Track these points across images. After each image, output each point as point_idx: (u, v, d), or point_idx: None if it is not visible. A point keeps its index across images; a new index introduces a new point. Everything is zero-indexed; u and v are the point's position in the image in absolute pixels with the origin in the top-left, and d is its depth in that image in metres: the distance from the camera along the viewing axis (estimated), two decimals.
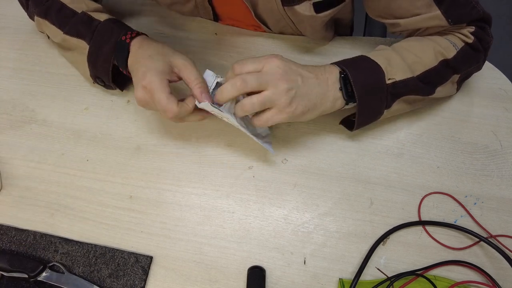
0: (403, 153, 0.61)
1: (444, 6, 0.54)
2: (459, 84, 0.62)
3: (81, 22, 0.59)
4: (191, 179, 0.59)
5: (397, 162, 0.60)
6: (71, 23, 0.60)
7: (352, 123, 0.57)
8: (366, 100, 0.53)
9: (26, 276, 0.51)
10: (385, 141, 0.62)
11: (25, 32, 0.73)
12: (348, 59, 0.55)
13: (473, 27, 0.57)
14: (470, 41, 0.57)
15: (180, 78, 0.54)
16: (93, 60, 0.59)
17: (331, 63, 0.55)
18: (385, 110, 0.56)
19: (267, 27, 0.69)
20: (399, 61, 0.54)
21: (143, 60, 0.52)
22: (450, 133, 0.62)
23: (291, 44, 0.71)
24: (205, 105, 0.50)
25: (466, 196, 0.57)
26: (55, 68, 0.69)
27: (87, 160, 0.61)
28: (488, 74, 0.67)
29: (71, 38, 0.60)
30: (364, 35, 0.83)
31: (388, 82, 0.53)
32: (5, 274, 0.52)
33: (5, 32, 0.74)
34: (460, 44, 0.57)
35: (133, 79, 0.53)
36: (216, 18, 0.73)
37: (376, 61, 0.54)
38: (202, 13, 0.72)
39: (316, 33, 0.67)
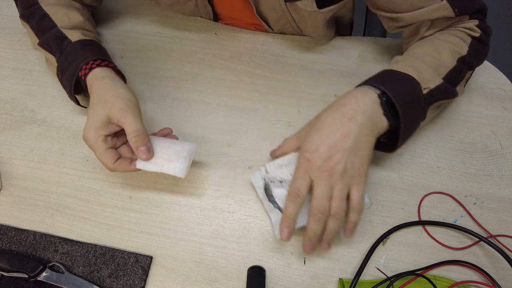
0: (403, 153, 0.61)
1: None
2: (467, 81, 0.60)
3: (53, 38, 0.59)
4: (191, 179, 0.59)
5: (397, 162, 0.60)
6: (46, 37, 0.60)
7: (382, 143, 0.53)
8: (409, 116, 0.49)
9: (26, 276, 0.51)
10: None
11: (25, 32, 0.73)
12: (377, 77, 0.51)
13: (476, 21, 0.57)
14: (477, 35, 0.56)
15: (121, 127, 0.51)
16: (59, 77, 0.60)
17: (359, 86, 0.50)
18: (422, 122, 0.53)
19: (268, 25, 0.69)
20: (426, 68, 0.52)
21: (89, 107, 0.53)
22: (450, 133, 0.62)
23: (291, 44, 0.71)
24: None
25: (466, 196, 0.57)
26: None
27: (87, 160, 0.61)
28: (488, 74, 0.67)
29: (43, 50, 0.60)
30: (364, 35, 0.83)
31: (424, 92, 0.50)
32: (5, 274, 0.52)
33: (5, 32, 0.74)
34: (469, 39, 0.56)
35: None
36: (216, 17, 0.73)
37: (408, 73, 0.50)
38: (202, 13, 0.72)
39: (317, 31, 0.67)
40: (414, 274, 0.51)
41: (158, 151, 0.52)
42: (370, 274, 0.52)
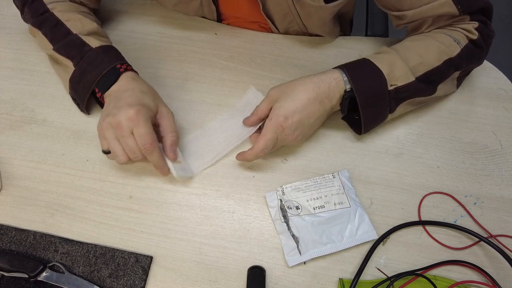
0: (403, 153, 0.61)
1: None
2: (459, 80, 0.62)
3: (73, 44, 0.60)
4: (191, 179, 0.59)
5: (397, 162, 0.60)
6: (63, 43, 0.60)
7: (355, 121, 0.59)
8: (370, 108, 0.55)
9: (26, 276, 0.51)
10: (385, 141, 0.62)
11: (25, 32, 0.73)
12: (352, 64, 0.56)
13: (477, 23, 0.57)
14: (474, 37, 0.57)
15: (156, 125, 0.56)
16: (74, 82, 0.60)
17: (336, 68, 0.56)
18: (389, 114, 0.57)
19: (273, 23, 0.69)
20: (401, 65, 0.55)
21: (136, 92, 0.54)
22: (450, 133, 0.62)
23: (291, 44, 0.71)
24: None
25: (466, 196, 0.57)
26: None
27: (87, 160, 0.61)
28: (488, 74, 0.68)
29: (59, 56, 0.61)
30: (366, 33, 0.83)
31: (390, 88, 0.54)
32: (5, 274, 0.52)
33: (5, 32, 0.74)
34: (464, 41, 0.57)
35: (115, 102, 0.53)
36: (219, 17, 0.73)
37: (379, 66, 0.54)
38: (206, 12, 0.72)
39: (323, 27, 0.67)
40: (414, 274, 0.51)
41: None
42: (370, 274, 0.52)
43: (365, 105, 0.54)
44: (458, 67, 0.58)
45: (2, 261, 0.52)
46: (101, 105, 0.64)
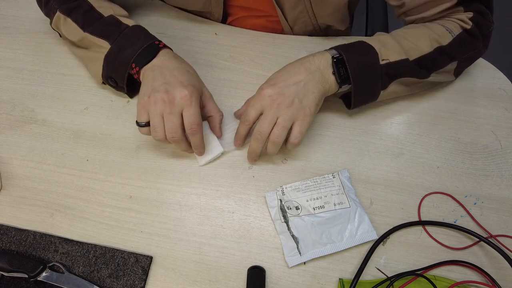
0: (403, 153, 0.61)
1: None
2: (458, 69, 0.62)
3: (109, 24, 0.61)
4: (191, 179, 0.59)
5: (397, 162, 0.60)
6: (98, 23, 0.61)
7: (349, 99, 0.59)
8: (361, 79, 0.55)
9: (26, 276, 0.51)
10: (385, 141, 0.62)
11: (25, 32, 0.73)
12: (343, 44, 0.57)
13: (472, 13, 0.58)
14: (468, 27, 0.58)
15: (200, 106, 0.57)
16: (111, 60, 0.60)
17: (325, 50, 0.57)
18: (382, 91, 0.58)
19: (283, 13, 0.69)
20: (394, 44, 0.56)
21: (184, 72, 0.55)
22: (450, 133, 0.62)
23: (291, 44, 0.71)
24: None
25: (466, 196, 0.57)
26: (55, 68, 0.69)
27: (87, 160, 0.61)
28: (488, 74, 0.68)
29: (92, 37, 0.61)
30: (366, 33, 0.84)
31: (382, 62, 0.55)
32: (5, 274, 0.52)
33: (5, 32, 0.74)
34: (458, 31, 0.58)
35: (162, 78, 0.54)
36: (225, 10, 0.73)
37: (371, 43, 0.56)
38: (213, 6, 0.71)
39: (336, 13, 0.67)
40: (414, 274, 0.51)
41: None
42: (370, 274, 0.52)
43: (356, 76, 0.55)
44: (452, 57, 0.59)
45: (2, 261, 0.52)
46: (117, 88, 0.63)
